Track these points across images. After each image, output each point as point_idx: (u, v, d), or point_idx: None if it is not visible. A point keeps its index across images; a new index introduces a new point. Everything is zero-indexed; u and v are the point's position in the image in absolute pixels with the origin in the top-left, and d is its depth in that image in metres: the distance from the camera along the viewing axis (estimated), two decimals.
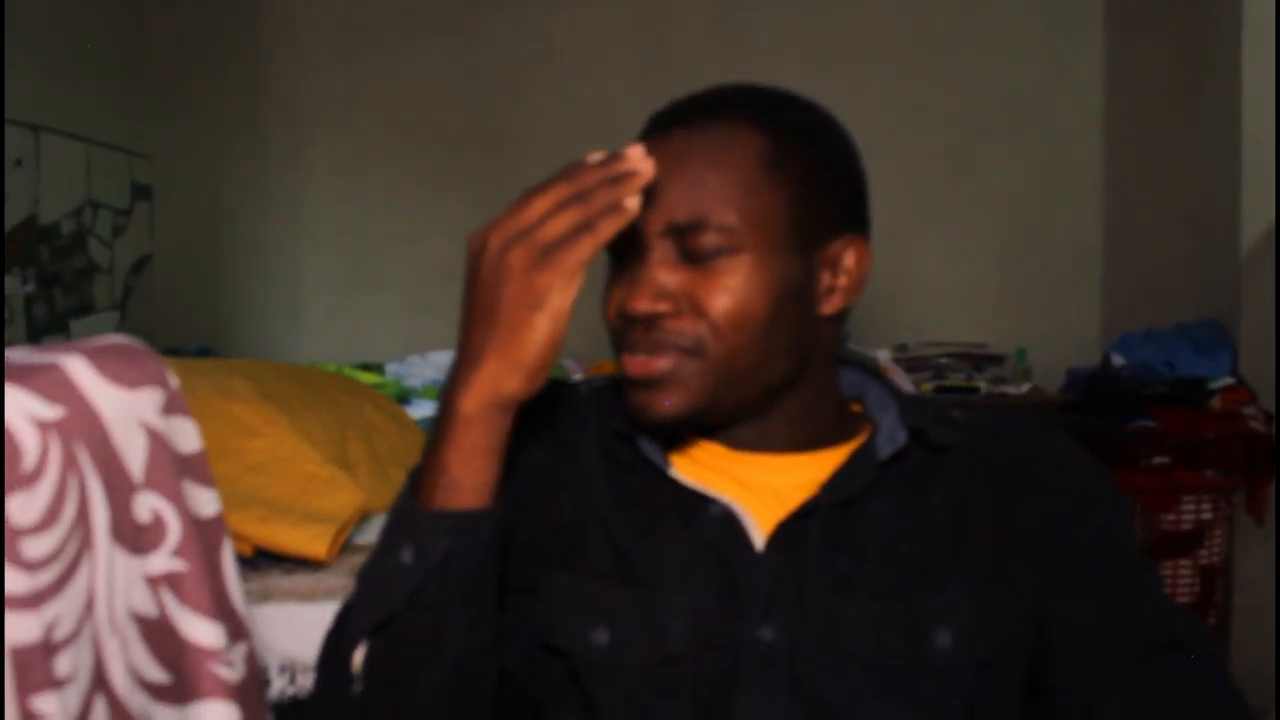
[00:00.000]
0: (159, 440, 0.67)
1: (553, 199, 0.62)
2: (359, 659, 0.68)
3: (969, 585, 0.71)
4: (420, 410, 2.12)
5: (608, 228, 0.62)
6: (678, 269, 0.70)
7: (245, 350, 3.42)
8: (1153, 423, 2.26)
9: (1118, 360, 2.52)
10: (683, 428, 0.73)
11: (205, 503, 0.71)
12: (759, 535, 0.71)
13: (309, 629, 0.92)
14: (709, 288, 0.69)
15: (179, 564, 0.67)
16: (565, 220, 0.62)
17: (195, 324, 3.46)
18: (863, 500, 0.72)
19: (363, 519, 1.35)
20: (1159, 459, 2.22)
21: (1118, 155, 3.08)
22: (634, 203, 0.62)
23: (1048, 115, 3.13)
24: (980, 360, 2.90)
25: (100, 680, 0.64)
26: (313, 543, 1.22)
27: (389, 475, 1.48)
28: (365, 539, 1.31)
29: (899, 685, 0.69)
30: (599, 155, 0.64)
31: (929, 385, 2.79)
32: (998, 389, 2.76)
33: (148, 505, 0.66)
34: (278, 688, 1.12)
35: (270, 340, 3.48)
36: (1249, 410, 2.25)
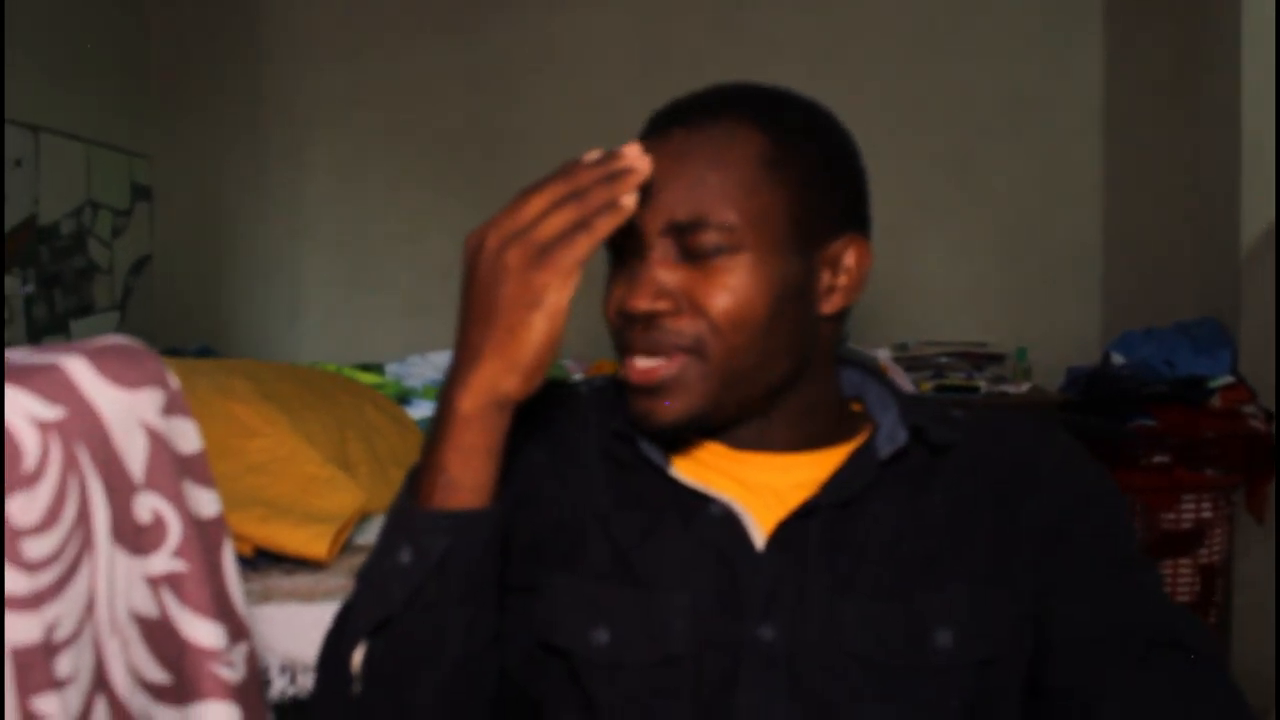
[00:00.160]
0: (159, 440, 0.67)
1: (549, 197, 0.62)
2: (358, 659, 0.68)
3: (969, 585, 0.71)
4: (420, 410, 2.12)
5: (604, 225, 0.62)
6: (678, 268, 0.70)
7: (245, 350, 3.42)
8: (1153, 421, 2.26)
9: (1118, 359, 2.52)
10: (685, 432, 0.73)
11: (206, 503, 0.71)
12: (759, 535, 0.72)
13: (309, 629, 0.92)
14: (709, 286, 0.69)
15: (179, 564, 0.67)
16: (562, 219, 0.62)
17: (195, 324, 3.46)
18: (863, 500, 0.72)
19: (363, 519, 1.35)
20: (1159, 458, 2.22)
21: (1117, 155, 3.08)
22: (631, 200, 0.62)
23: (1048, 115, 3.13)
24: (980, 359, 2.89)
25: (101, 681, 0.64)
26: (313, 543, 1.22)
27: (389, 475, 1.48)
28: (365, 539, 1.31)
29: (899, 685, 0.69)
30: (595, 154, 0.64)
31: (929, 384, 2.79)
32: (998, 388, 2.76)
33: (148, 506, 0.66)
34: (278, 688, 1.12)
35: (270, 340, 3.48)
36: (1249, 409, 2.25)
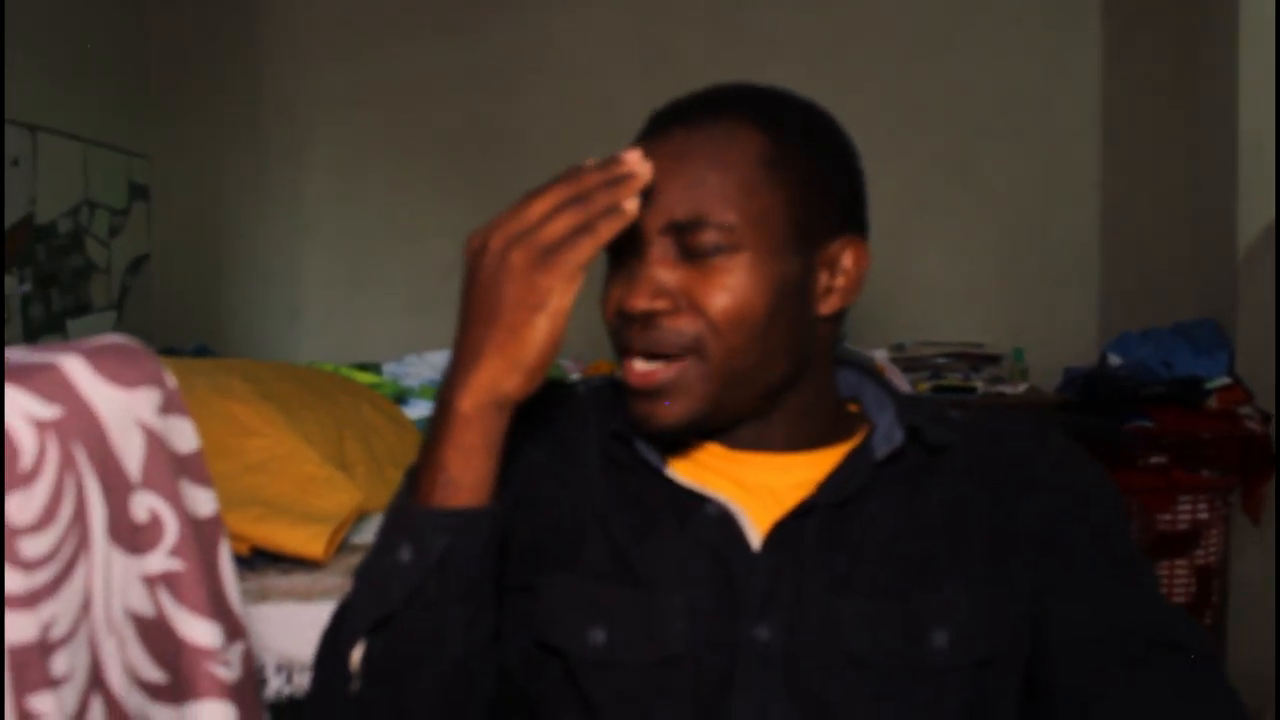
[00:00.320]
0: (156, 440, 0.67)
1: (553, 201, 0.63)
2: (357, 657, 0.68)
3: (967, 585, 0.71)
4: (417, 410, 2.11)
5: (607, 229, 0.62)
6: (677, 267, 0.70)
7: (243, 350, 3.41)
8: (1150, 422, 2.27)
9: (1115, 360, 2.52)
10: (685, 434, 0.73)
11: (202, 502, 0.71)
12: (756, 535, 0.72)
13: (306, 629, 0.92)
14: (708, 286, 0.69)
15: (176, 563, 0.67)
16: (565, 222, 0.62)
17: (192, 324, 3.45)
18: (860, 500, 0.72)
19: (360, 519, 1.35)
20: (1156, 459, 2.22)
21: (1116, 155, 3.08)
22: (633, 205, 0.63)
23: (1046, 115, 3.13)
24: (977, 360, 2.89)
25: (97, 680, 0.64)
26: (310, 543, 1.22)
27: (386, 475, 1.48)
28: (362, 539, 1.31)
29: (896, 685, 0.69)
30: (595, 162, 0.64)
31: (926, 385, 2.78)
32: (995, 389, 2.75)
33: (145, 505, 0.66)
34: (274, 687, 1.12)
35: (268, 340, 3.47)
36: (1246, 410, 2.25)
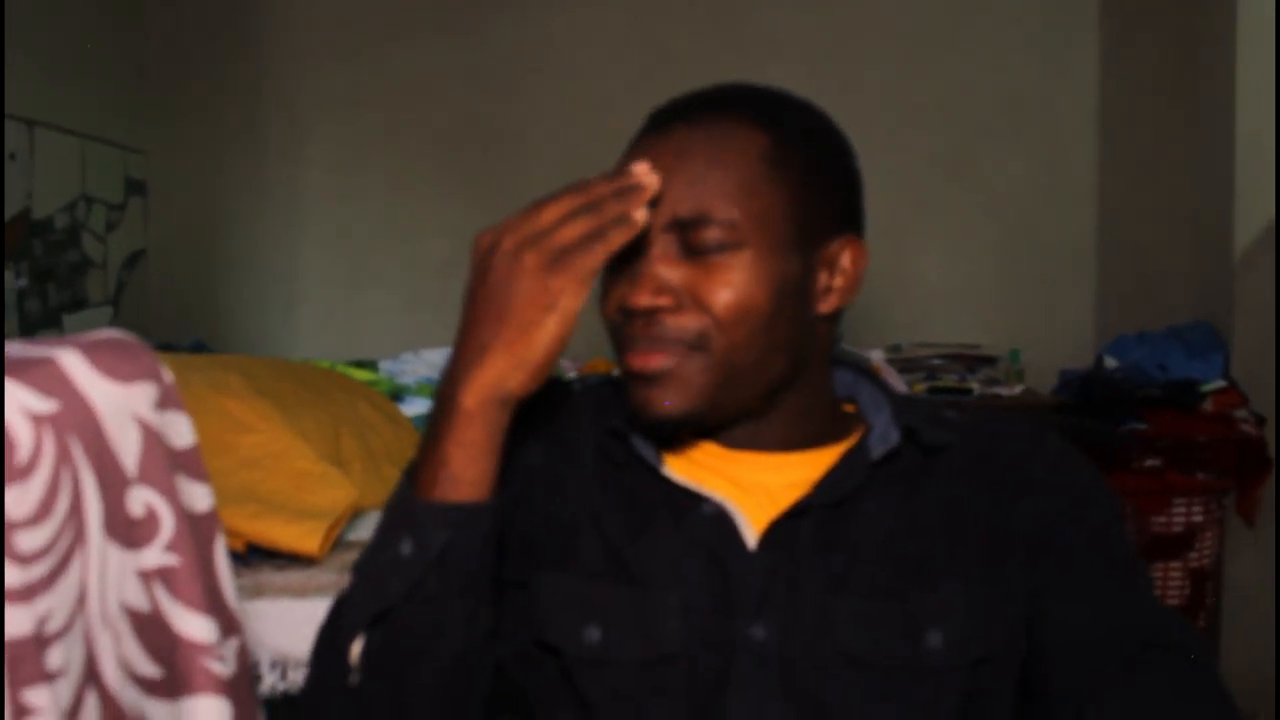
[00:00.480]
0: (153, 435, 0.67)
1: (565, 207, 0.65)
2: (356, 651, 0.68)
3: (963, 585, 0.71)
4: (413, 407, 2.11)
5: (618, 238, 0.64)
6: (679, 264, 0.70)
7: (239, 346, 3.41)
8: (1145, 425, 2.27)
9: (1110, 362, 2.52)
10: (682, 428, 0.73)
11: (198, 498, 0.71)
12: (751, 534, 0.72)
13: (301, 625, 0.92)
14: (711, 282, 0.69)
15: (172, 559, 0.67)
16: (579, 228, 0.64)
17: (189, 319, 3.45)
18: (855, 500, 0.72)
19: (355, 515, 1.35)
20: (1150, 461, 2.22)
21: (1113, 156, 3.08)
22: (642, 215, 0.65)
23: (1044, 115, 3.13)
24: (973, 361, 2.89)
25: (92, 674, 0.64)
26: (305, 539, 1.22)
27: (382, 472, 1.48)
28: (358, 535, 1.31)
29: (892, 685, 0.69)
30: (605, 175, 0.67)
31: (922, 386, 2.78)
32: (990, 390, 2.75)
33: (141, 500, 0.66)
34: (269, 683, 1.12)
35: (265, 336, 3.47)
36: (1240, 413, 2.25)
